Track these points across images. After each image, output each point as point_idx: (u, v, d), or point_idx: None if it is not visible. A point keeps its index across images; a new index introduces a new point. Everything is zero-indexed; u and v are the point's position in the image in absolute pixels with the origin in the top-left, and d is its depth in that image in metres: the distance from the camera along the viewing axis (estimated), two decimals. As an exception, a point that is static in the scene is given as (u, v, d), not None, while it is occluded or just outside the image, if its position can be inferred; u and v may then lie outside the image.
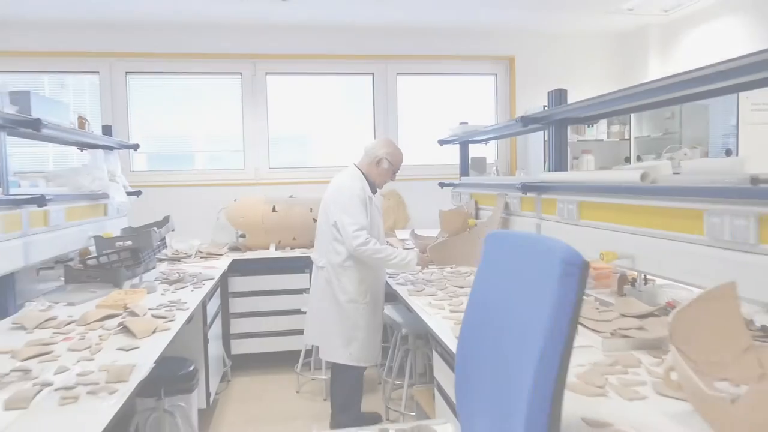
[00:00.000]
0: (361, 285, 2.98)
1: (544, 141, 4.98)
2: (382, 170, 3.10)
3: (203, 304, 3.17)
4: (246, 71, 5.01)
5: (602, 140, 5.18)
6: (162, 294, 2.87)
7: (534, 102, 4.87)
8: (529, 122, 2.79)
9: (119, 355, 1.87)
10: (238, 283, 4.19)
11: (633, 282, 2.48)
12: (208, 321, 3.34)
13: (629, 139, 5.11)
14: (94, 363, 1.78)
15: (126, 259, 3.10)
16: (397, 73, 5.25)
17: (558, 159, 2.78)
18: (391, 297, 3.27)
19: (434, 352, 2.32)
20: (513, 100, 5.32)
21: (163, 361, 1.88)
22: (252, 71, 5.01)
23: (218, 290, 3.83)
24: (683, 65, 4.33)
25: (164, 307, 2.56)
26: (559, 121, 2.75)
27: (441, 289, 2.83)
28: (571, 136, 5.18)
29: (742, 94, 3.80)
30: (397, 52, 5.16)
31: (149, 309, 2.47)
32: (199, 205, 4.86)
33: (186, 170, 5.01)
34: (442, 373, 2.24)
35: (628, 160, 5.09)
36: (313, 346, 3.46)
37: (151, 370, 1.71)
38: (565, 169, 2.80)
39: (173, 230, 3.66)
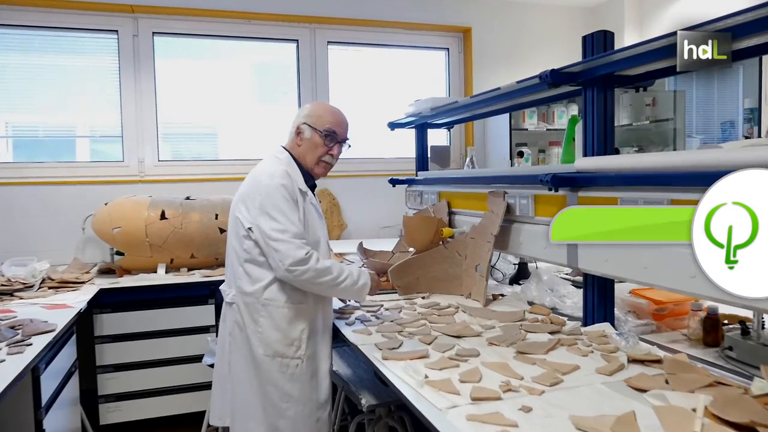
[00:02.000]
0: (293, 329, 1.86)
1: (510, 128, 4.12)
2: (307, 143, 2.00)
3: (34, 375, 1.94)
4: (124, 29, 3.70)
5: (572, 130, 4.37)
6: (-60, 371, 1.61)
7: (493, 82, 3.97)
8: (561, 79, 1.82)
9: None
10: (110, 323, 2.93)
11: (745, 327, 1.57)
12: (48, 395, 2.09)
13: (604, 129, 4.34)
14: None
15: None
16: (328, 42, 4.16)
17: (601, 137, 1.83)
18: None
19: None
20: (469, 80, 4.40)
21: None
22: (132, 29, 3.71)
23: (74, 337, 2.57)
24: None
25: None
26: (603, 78, 1.80)
27: (428, 342, 1.79)
28: (539, 124, 4.37)
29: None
30: (328, 14, 4.07)
31: None
32: (57, 210, 3.52)
33: (34, 163, 3.59)
34: None
35: (602, 152, 4.33)
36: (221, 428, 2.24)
37: None
38: (612, 152, 1.86)
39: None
